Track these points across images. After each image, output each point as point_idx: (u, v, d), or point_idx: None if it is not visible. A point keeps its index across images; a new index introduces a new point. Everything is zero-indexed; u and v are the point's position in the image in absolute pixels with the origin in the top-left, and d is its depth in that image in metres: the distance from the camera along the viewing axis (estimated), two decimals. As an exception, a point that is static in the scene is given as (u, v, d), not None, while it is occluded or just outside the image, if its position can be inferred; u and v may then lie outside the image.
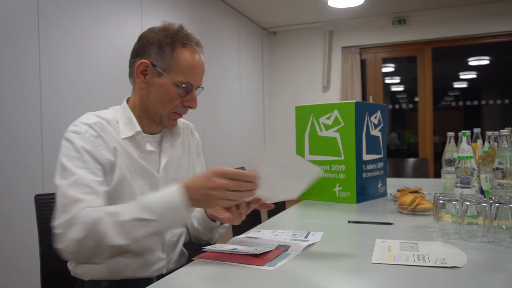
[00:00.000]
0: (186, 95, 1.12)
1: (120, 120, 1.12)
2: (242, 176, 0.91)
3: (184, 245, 1.28)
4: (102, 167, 1.04)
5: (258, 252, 0.97)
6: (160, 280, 0.88)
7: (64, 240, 0.93)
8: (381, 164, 1.90)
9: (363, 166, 1.78)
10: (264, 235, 1.21)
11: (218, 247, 1.02)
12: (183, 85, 1.10)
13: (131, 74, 1.15)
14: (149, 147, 1.14)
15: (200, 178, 0.93)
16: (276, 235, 1.21)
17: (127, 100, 1.19)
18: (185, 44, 1.10)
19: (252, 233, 1.24)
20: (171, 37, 1.09)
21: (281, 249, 1.03)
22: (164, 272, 1.15)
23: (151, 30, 1.13)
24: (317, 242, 1.12)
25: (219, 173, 0.90)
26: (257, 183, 0.93)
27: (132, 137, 1.11)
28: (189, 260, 1.13)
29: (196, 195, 0.92)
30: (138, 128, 1.12)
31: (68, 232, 0.92)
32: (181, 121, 1.26)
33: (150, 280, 1.00)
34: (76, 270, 1.11)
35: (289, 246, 1.06)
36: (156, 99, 1.11)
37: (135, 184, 1.10)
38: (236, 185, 0.91)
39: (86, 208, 0.94)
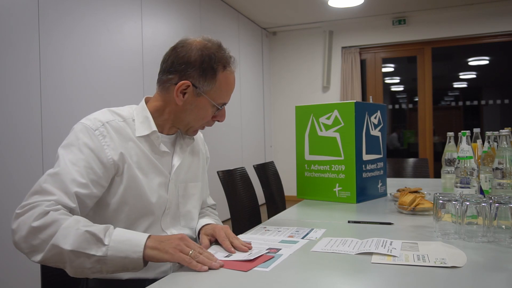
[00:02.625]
0: (219, 112, 1.19)
1: (136, 118, 1.14)
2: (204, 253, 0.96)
3: None
4: (103, 166, 1.04)
5: (252, 257, 0.98)
6: (160, 280, 0.88)
7: (19, 221, 0.93)
8: (381, 164, 1.90)
9: (363, 166, 1.78)
10: (269, 231, 1.26)
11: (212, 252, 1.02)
12: (220, 106, 1.16)
13: (164, 85, 1.14)
14: (163, 147, 1.16)
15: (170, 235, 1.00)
16: (279, 231, 1.26)
17: (146, 101, 1.19)
18: (225, 67, 1.14)
19: (257, 229, 1.30)
20: (215, 60, 1.12)
21: (273, 251, 1.04)
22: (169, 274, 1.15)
23: (190, 47, 1.12)
24: (317, 239, 1.14)
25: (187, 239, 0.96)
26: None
27: (147, 136, 1.13)
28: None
29: (158, 242, 0.93)
30: (154, 128, 1.13)
31: (26, 215, 0.92)
32: None
33: (154, 281, 1.00)
34: None
35: (280, 249, 1.06)
36: (192, 116, 1.15)
37: (147, 183, 1.11)
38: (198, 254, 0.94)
39: (54, 203, 0.94)
